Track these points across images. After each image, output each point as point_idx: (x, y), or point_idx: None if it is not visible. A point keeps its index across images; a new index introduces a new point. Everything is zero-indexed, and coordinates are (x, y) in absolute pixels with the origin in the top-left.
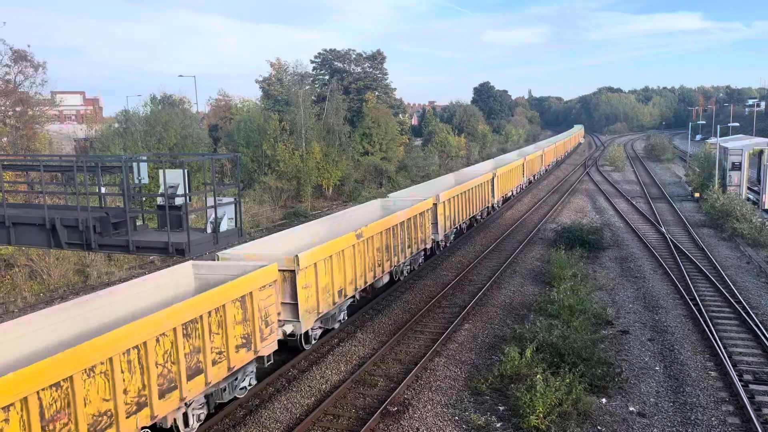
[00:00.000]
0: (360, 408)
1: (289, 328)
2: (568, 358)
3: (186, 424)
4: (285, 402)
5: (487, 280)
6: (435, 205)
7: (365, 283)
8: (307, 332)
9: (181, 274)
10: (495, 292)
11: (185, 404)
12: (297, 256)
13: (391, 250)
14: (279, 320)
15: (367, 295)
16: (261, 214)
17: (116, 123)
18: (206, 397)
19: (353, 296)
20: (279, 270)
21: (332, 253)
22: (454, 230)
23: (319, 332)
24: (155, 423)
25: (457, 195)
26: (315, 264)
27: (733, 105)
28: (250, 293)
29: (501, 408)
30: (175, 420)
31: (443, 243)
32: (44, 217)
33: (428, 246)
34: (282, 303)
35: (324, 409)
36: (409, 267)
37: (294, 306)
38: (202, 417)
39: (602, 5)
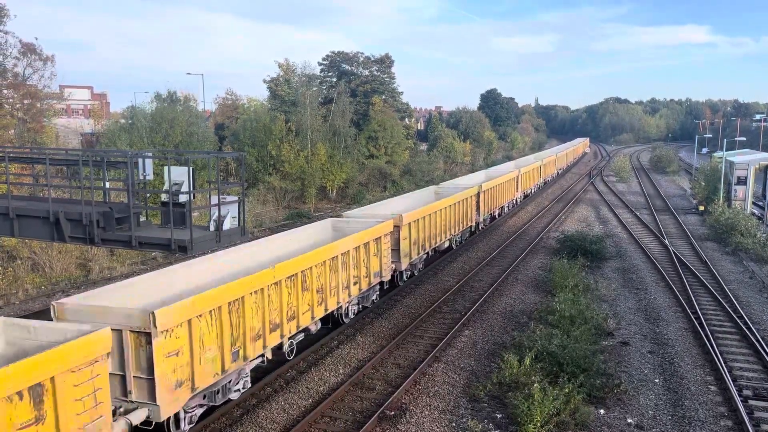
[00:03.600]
0: (357, 411)
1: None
2: (567, 368)
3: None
4: (282, 403)
5: (488, 286)
6: (397, 227)
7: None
8: (402, 272)
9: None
10: (496, 299)
11: (347, 302)
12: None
13: (325, 291)
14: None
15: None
16: (264, 213)
17: (122, 119)
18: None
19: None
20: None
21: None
22: (424, 256)
23: (409, 273)
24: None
25: (431, 214)
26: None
27: (740, 119)
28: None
29: (499, 415)
30: (339, 310)
31: (408, 273)
32: (48, 211)
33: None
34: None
35: (321, 411)
36: (356, 306)
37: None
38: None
39: (611, 16)
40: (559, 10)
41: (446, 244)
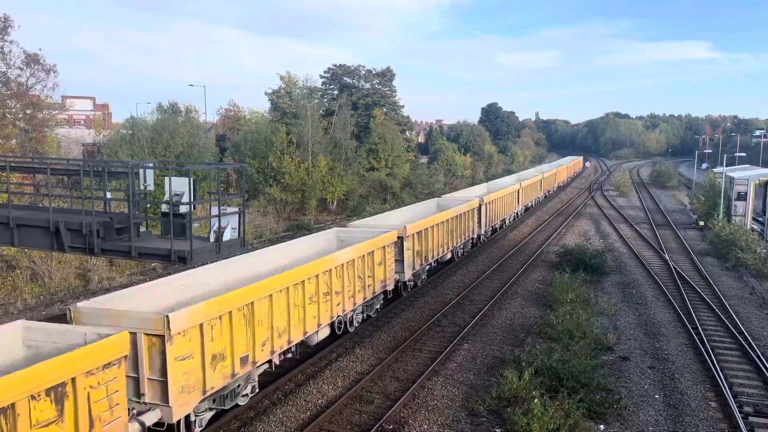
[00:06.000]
0: (356, 425)
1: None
2: (567, 383)
3: (351, 323)
4: (280, 415)
5: (488, 300)
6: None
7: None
8: (405, 282)
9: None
10: (496, 312)
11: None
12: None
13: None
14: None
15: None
16: (264, 225)
17: (124, 129)
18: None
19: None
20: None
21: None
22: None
23: (412, 283)
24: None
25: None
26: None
27: (740, 135)
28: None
29: (498, 430)
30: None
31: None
32: (49, 220)
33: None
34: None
35: (319, 425)
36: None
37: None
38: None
39: (613, 32)
40: (563, 26)
41: (448, 256)
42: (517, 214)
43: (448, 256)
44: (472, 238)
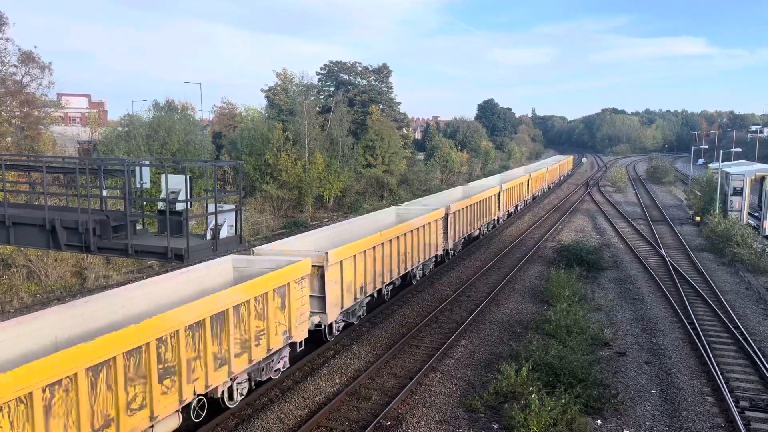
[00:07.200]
0: (354, 421)
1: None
2: (564, 378)
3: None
4: (278, 413)
5: (485, 296)
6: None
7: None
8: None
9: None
10: (493, 308)
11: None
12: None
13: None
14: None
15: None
16: (261, 222)
17: (120, 127)
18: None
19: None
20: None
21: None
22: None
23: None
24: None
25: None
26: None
27: (735, 130)
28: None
29: (495, 426)
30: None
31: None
32: (44, 218)
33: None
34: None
35: (317, 422)
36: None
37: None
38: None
39: (608, 28)
40: (557, 22)
41: (397, 282)
42: (496, 221)
43: (397, 282)
44: (436, 256)
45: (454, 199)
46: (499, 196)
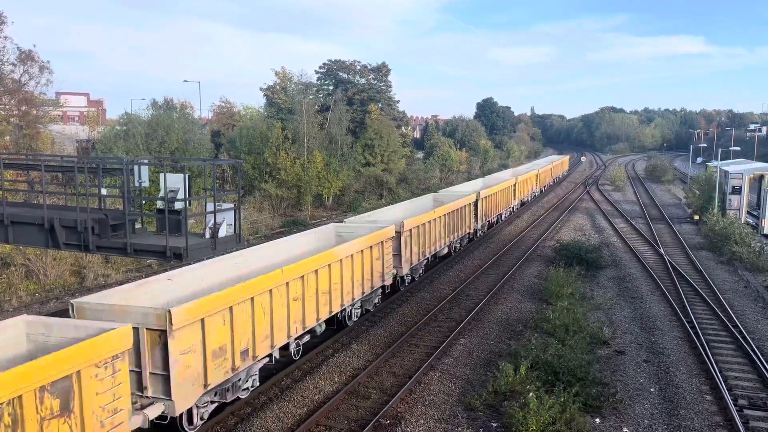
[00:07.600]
0: (353, 420)
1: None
2: (563, 377)
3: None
4: (277, 411)
5: (484, 295)
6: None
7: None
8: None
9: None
10: (492, 307)
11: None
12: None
13: None
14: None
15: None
16: (260, 221)
17: (118, 125)
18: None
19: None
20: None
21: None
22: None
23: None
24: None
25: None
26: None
27: (734, 129)
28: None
29: (494, 424)
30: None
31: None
32: (43, 217)
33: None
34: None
35: (316, 420)
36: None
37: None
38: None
39: (608, 27)
40: (556, 21)
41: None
42: (473, 234)
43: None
44: (383, 286)
45: (423, 209)
46: (475, 205)
